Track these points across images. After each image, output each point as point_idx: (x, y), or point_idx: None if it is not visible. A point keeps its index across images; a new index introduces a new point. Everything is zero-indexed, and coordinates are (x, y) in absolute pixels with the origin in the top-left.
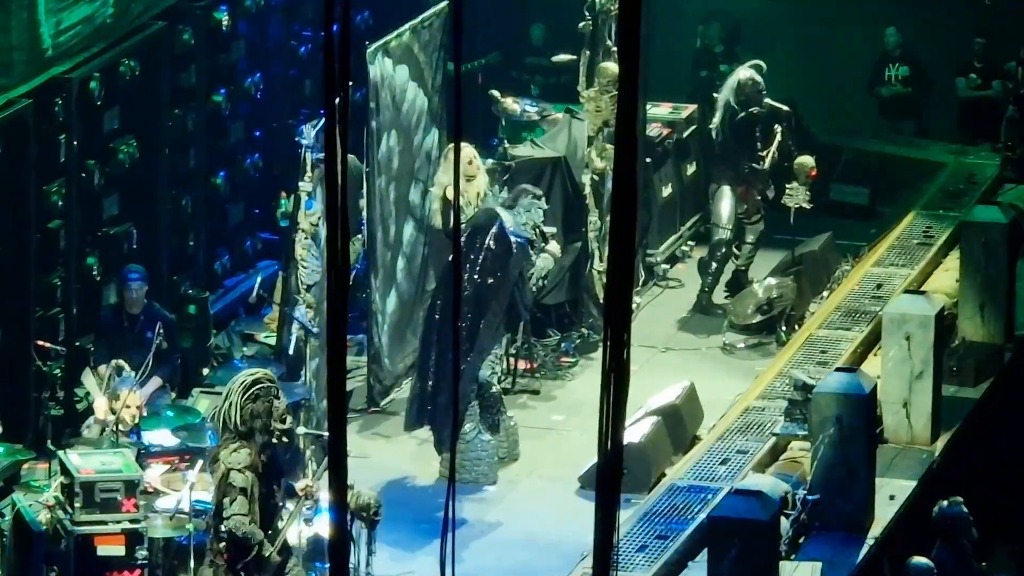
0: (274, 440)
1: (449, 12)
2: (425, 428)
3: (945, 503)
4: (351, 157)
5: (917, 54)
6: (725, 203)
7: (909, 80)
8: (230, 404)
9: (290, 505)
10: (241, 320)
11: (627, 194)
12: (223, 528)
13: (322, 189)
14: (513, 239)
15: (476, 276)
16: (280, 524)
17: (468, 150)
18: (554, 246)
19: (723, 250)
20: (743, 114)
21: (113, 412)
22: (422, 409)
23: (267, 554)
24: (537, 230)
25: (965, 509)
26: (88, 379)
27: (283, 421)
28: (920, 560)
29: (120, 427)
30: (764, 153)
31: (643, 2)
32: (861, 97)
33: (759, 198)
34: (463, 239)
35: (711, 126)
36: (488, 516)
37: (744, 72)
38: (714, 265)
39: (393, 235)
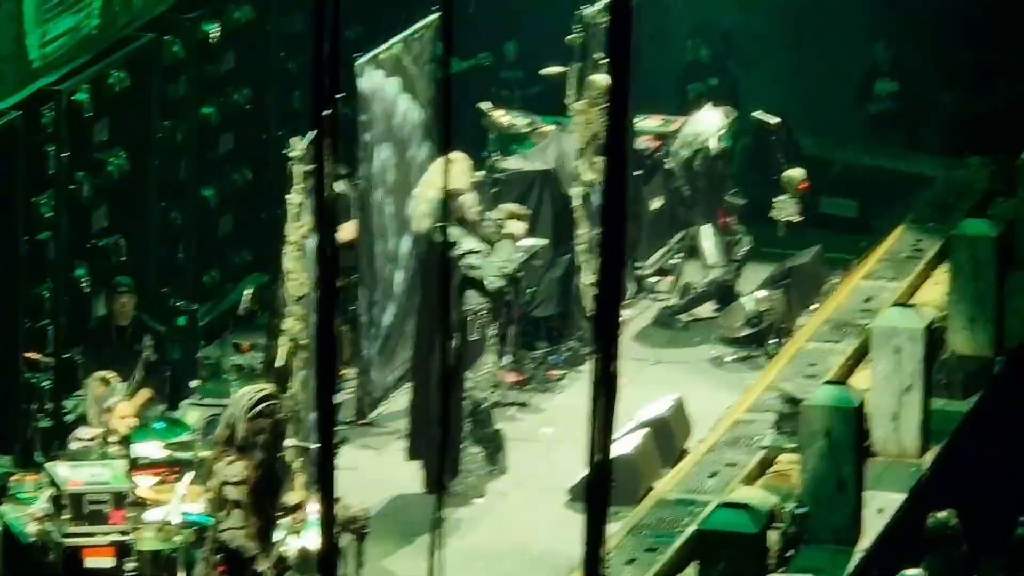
0: (275, 460)
1: (439, 23)
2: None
3: (942, 514)
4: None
5: (907, 68)
6: (710, 241)
7: (899, 95)
8: (236, 418)
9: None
10: (233, 331)
11: (616, 207)
12: (217, 540)
13: (310, 201)
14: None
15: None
16: (276, 537)
17: (463, 157)
18: (516, 225)
19: (714, 288)
20: (717, 153)
21: (103, 425)
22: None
23: (261, 568)
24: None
25: (957, 521)
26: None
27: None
28: (911, 572)
29: (111, 438)
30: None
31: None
32: (851, 110)
33: (739, 225)
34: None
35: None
36: (477, 528)
37: (712, 117)
38: (694, 292)
39: (392, 248)
